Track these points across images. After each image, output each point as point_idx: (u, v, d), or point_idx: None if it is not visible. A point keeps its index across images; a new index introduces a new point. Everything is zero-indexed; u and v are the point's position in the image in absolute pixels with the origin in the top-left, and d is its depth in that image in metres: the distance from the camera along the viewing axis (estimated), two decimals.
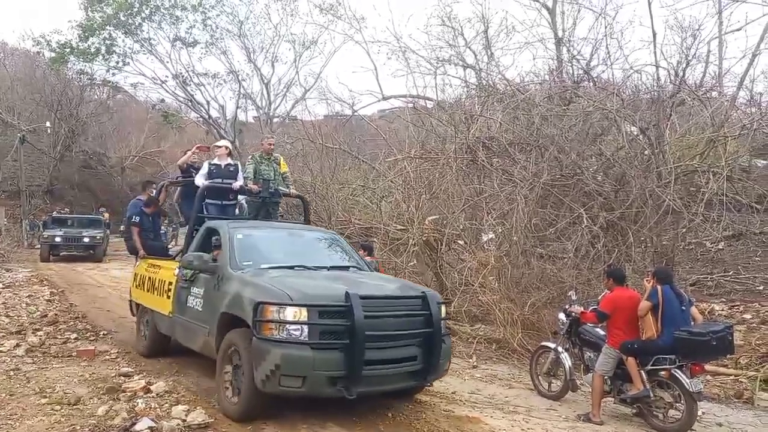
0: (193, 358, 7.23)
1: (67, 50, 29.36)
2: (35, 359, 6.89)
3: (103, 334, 8.57)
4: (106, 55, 29.62)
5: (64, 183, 34.52)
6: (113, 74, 31.87)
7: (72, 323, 9.24)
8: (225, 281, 5.57)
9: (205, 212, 7.38)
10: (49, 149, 33.66)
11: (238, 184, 7.57)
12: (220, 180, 7.47)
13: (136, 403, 5.24)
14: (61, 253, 20.62)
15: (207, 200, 7.39)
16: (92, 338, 8.31)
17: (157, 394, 5.55)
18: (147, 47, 29.80)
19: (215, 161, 7.69)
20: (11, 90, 34.03)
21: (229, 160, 7.77)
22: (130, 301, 8.17)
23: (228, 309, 5.32)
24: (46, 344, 7.66)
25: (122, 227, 27.18)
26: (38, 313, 9.97)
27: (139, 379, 6.01)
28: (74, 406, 5.15)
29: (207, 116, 31.43)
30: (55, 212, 25.17)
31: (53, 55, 30.25)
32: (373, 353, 4.76)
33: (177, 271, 6.55)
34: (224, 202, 7.67)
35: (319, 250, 6.85)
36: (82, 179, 35.44)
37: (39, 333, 8.25)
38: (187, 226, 7.32)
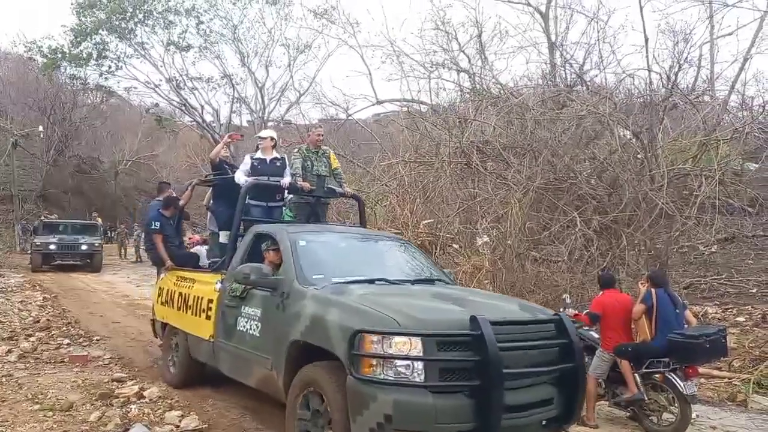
0: None
1: (59, 56, 29.25)
2: (27, 365, 6.83)
3: (96, 340, 8.51)
4: (98, 60, 29.51)
5: (57, 188, 34.35)
6: (106, 78, 31.67)
7: (65, 329, 9.19)
8: (293, 300, 4.39)
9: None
10: (42, 154, 33.49)
11: (287, 181, 6.30)
12: (266, 177, 6.24)
13: (129, 409, 5.21)
14: (55, 262, 18.84)
15: (249, 201, 6.15)
16: (85, 344, 8.25)
17: (150, 400, 5.52)
18: (140, 51, 29.69)
19: (258, 155, 6.48)
20: (3, 94, 33.87)
21: (275, 154, 6.58)
22: (153, 320, 7.14)
23: (304, 337, 4.15)
24: (39, 350, 7.60)
25: (136, 233, 26.97)
26: (30, 318, 9.91)
27: (132, 385, 5.97)
28: (67, 412, 5.11)
29: (201, 120, 31.34)
30: (42, 217, 23.26)
31: (45, 60, 30.14)
32: (509, 396, 3.59)
33: (218, 285, 5.38)
34: (270, 204, 6.42)
35: (394, 259, 5.60)
36: (75, 184, 35.29)
37: (31, 339, 8.19)
38: (222, 232, 6.30)
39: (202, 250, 7.27)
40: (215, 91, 31.64)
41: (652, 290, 5.39)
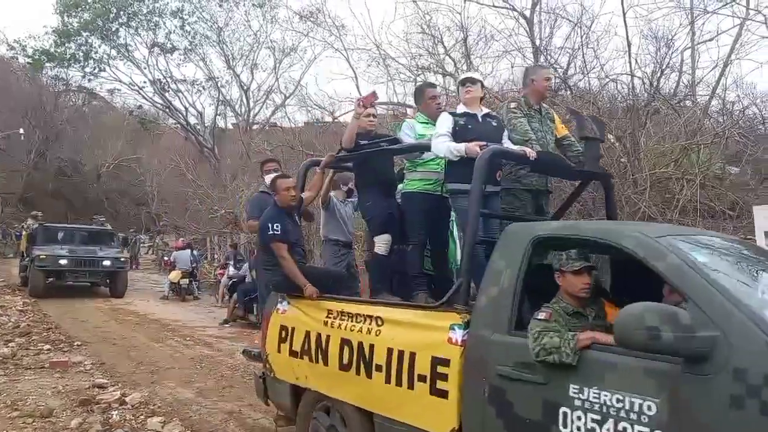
0: (170, 368, 7.15)
1: (44, 57, 28.94)
2: (7, 371, 6.70)
3: (78, 345, 8.39)
4: (83, 62, 29.23)
5: (38, 191, 33.85)
6: (89, 80, 31.46)
7: (45, 334, 9.05)
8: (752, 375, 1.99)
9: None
10: (23, 156, 33.01)
11: (531, 151, 3.61)
12: (484, 144, 3.57)
13: (110, 415, 5.14)
14: (66, 282, 14.05)
15: (450, 185, 3.81)
16: (66, 349, 8.12)
17: (132, 406, 5.45)
18: (124, 53, 29.46)
19: (461, 109, 3.93)
20: None
21: (485, 109, 4.07)
22: (263, 376, 4.42)
23: None
24: (18, 355, 7.47)
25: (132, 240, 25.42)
26: (10, 323, 9.73)
27: (113, 391, 5.88)
28: (47, 419, 5.02)
29: (185, 123, 31.12)
30: (30, 220, 18.29)
31: (28, 60, 29.80)
32: None
33: (459, 334, 2.95)
34: (488, 189, 3.59)
35: None
36: (56, 187, 34.80)
37: (11, 344, 8.04)
38: (380, 237, 4.28)
39: (183, 255, 6.80)
40: (200, 94, 31.50)
41: None
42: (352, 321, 3.61)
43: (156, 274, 20.47)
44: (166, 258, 19.88)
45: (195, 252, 16.40)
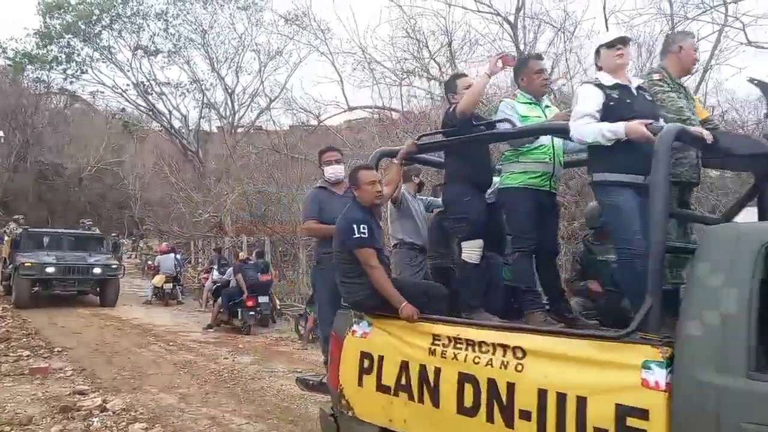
0: (153, 374, 7.07)
1: (25, 59, 28.62)
2: None
3: (58, 351, 8.26)
4: (65, 64, 28.94)
5: (18, 195, 33.32)
6: (71, 83, 31.14)
7: (25, 340, 8.91)
8: None
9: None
10: (2, 160, 32.51)
11: (707, 134, 2.78)
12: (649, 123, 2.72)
13: (91, 422, 5.06)
14: (54, 291, 12.99)
15: (607, 174, 2.94)
16: (46, 355, 8.00)
17: (113, 412, 5.37)
18: (107, 55, 29.20)
19: (608, 80, 3.03)
20: None
21: (634, 78, 3.23)
22: (334, 415, 3.55)
23: None
24: None
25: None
26: None
27: (94, 397, 5.80)
28: (26, 427, 4.94)
29: (169, 126, 30.90)
30: (12, 225, 17.00)
31: (9, 62, 29.42)
32: None
33: (665, 378, 2.20)
34: (644, 181, 2.76)
35: None
36: (37, 191, 34.27)
37: None
38: (469, 243, 3.53)
39: (167, 259, 6.61)
40: (184, 97, 31.33)
41: None
42: (474, 350, 2.81)
43: (139, 278, 20.25)
44: (149, 262, 19.68)
45: (179, 256, 16.26)
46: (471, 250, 3.52)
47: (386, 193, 3.75)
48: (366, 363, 3.28)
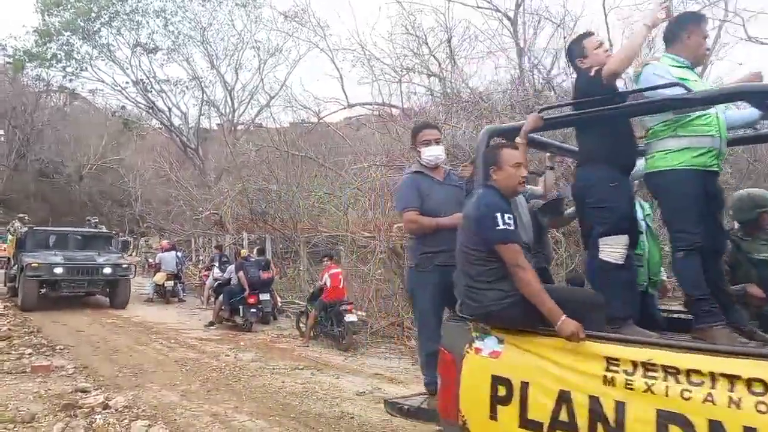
0: (155, 371, 7.09)
1: (25, 57, 28.64)
2: None
3: (60, 349, 8.27)
4: (65, 62, 28.96)
5: (19, 193, 33.37)
6: (70, 80, 31.16)
7: (27, 338, 8.92)
8: None
9: None
10: (3, 158, 32.52)
11: None
12: None
13: (93, 420, 5.06)
14: (62, 293, 12.42)
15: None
16: (48, 353, 8.01)
17: (116, 410, 5.37)
18: (106, 53, 29.19)
19: None
20: None
21: None
22: None
23: None
24: None
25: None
26: None
27: (97, 395, 5.81)
28: (28, 425, 4.95)
29: (169, 123, 30.90)
30: (17, 223, 16.06)
31: (8, 60, 29.46)
32: None
33: None
34: None
35: None
36: (37, 189, 34.32)
37: None
38: (615, 239, 2.93)
39: (169, 257, 6.57)
40: (183, 94, 31.41)
41: None
42: (680, 381, 2.14)
43: (140, 276, 20.28)
44: (150, 260, 19.69)
45: (180, 254, 16.27)
46: (614, 248, 2.90)
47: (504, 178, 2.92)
48: (501, 391, 2.59)
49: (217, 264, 13.17)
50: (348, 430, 5.09)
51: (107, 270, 12.66)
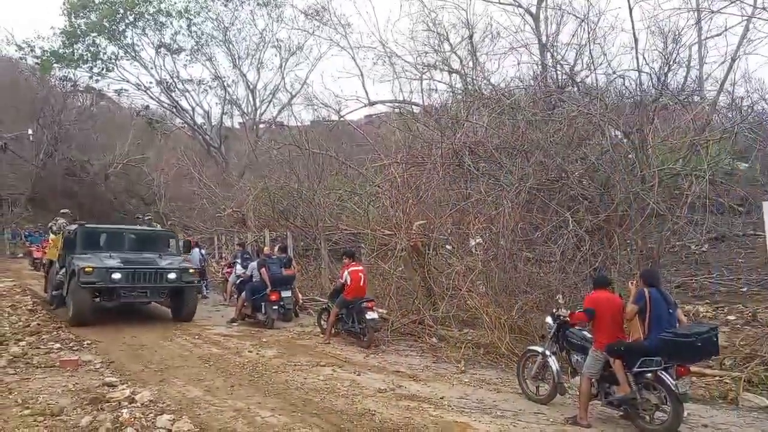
0: (179, 366, 7.18)
1: (52, 58, 29.27)
2: (17, 370, 6.76)
3: (87, 344, 8.44)
4: (91, 62, 29.54)
5: (46, 191, 34.11)
6: (96, 81, 31.79)
7: (55, 333, 9.11)
8: None
9: None
10: (32, 157, 33.26)
11: None
12: None
13: (120, 414, 5.15)
14: (121, 301, 10.37)
15: None
16: (76, 348, 8.18)
17: (141, 404, 5.47)
18: (131, 53, 29.67)
19: None
20: None
21: None
22: None
23: None
24: (29, 354, 7.52)
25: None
26: (21, 323, 9.82)
27: (123, 389, 5.92)
28: (57, 417, 5.06)
29: (192, 122, 31.30)
30: (61, 220, 14.04)
31: (37, 61, 30.13)
32: None
33: None
34: None
35: None
36: (65, 187, 35.04)
37: (21, 343, 8.12)
38: None
39: (193, 254, 6.54)
40: (206, 93, 32.03)
41: (645, 289, 5.40)
42: None
43: None
44: None
45: (203, 251, 16.44)
46: None
47: None
48: None
49: (239, 261, 13.25)
50: (369, 426, 5.11)
51: (172, 276, 10.54)
